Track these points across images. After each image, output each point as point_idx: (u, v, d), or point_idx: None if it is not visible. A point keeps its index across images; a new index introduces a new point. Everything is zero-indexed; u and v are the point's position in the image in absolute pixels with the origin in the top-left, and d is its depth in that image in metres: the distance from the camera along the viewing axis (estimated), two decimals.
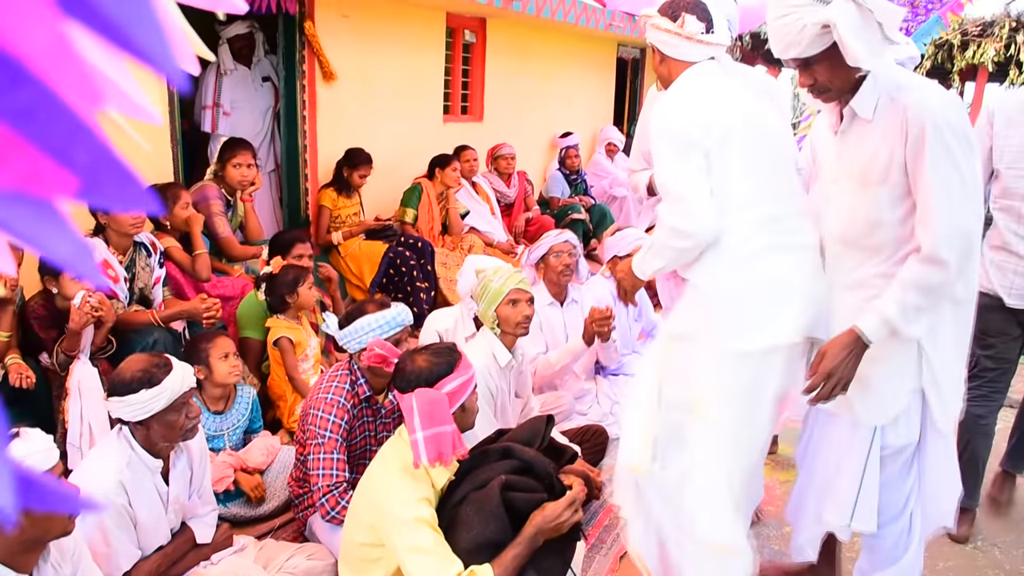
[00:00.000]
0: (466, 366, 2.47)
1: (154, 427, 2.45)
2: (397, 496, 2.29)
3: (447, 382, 2.39)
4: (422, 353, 2.50)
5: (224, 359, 3.36)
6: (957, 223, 2.07)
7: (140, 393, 2.38)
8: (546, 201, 8.02)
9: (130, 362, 2.47)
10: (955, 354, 2.31)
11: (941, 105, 2.08)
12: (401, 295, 5.38)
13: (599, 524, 3.42)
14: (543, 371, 4.16)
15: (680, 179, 2.28)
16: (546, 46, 8.20)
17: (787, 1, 2.13)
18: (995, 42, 8.46)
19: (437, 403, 2.34)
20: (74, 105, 0.42)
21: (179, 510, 2.68)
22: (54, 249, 0.48)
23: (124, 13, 0.39)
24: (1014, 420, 3.91)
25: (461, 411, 2.45)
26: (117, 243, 3.67)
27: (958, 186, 2.05)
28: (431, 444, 2.28)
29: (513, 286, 3.42)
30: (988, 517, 3.66)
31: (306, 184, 5.74)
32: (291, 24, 5.44)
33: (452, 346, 2.53)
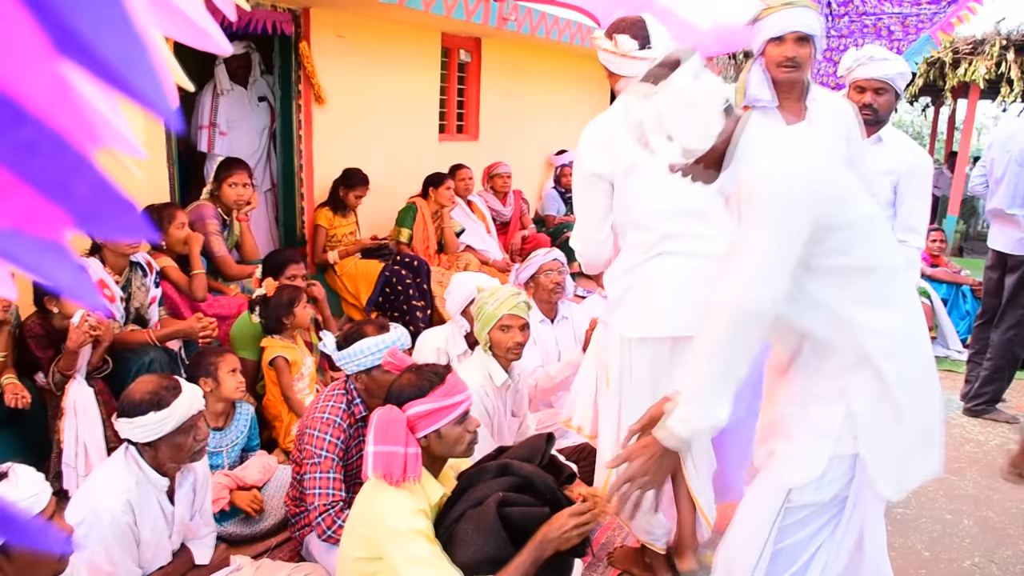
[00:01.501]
0: (448, 394, 2.44)
1: (162, 448, 2.46)
2: (393, 508, 2.29)
3: (413, 404, 2.40)
4: (409, 373, 2.52)
5: (232, 374, 3.42)
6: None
7: (149, 415, 2.38)
8: (542, 219, 8.05)
9: (140, 383, 2.48)
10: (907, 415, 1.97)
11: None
12: (397, 314, 5.38)
13: (596, 542, 3.42)
14: (544, 385, 4.17)
15: (580, 207, 2.92)
16: (541, 65, 8.24)
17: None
18: (986, 60, 8.52)
19: (392, 422, 2.36)
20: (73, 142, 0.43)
21: (182, 530, 2.68)
22: (53, 276, 0.49)
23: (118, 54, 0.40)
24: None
25: (437, 437, 2.42)
26: (113, 263, 3.67)
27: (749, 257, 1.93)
28: (379, 460, 2.31)
29: (506, 311, 3.43)
30: (984, 533, 3.67)
31: (302, 203, 5.76)
32: (287, 44, 5.48)
33: (441, 371, 2.51)
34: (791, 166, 1.94)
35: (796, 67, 2.92)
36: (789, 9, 2.90)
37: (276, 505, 3.40)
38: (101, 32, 0.39)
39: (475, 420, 2.55)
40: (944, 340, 6.61)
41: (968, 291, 6.86)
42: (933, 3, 5.41)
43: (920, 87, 9.38)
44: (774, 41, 2.95)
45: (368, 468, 2.32)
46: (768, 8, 2.96)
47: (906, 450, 2.00)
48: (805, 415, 2.07)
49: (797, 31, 2.89)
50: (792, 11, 2.90)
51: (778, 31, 2.92)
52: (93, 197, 0.45)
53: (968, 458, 4.54)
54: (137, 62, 0.41)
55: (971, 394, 5.29)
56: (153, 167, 4.56)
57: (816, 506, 2.06)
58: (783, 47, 2.92)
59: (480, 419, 3.28)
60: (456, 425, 2.47)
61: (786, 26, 2.90)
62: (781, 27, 2.91)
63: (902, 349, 1.98)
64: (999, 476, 3.92)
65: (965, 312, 6.83)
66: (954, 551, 3.51)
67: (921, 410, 1.99)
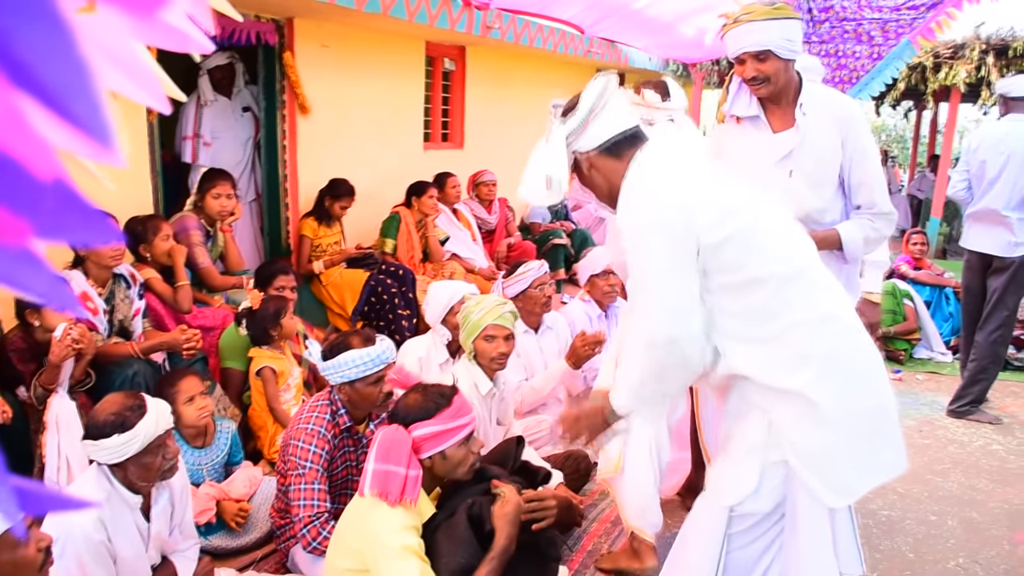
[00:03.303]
0: (454, 415, 2.47)
1: (130, 469, 2.43)
2: (386, 523, 2.30)
3: (420, 426, 2.43)
4: (416, 392, 2.55)
5: (190, 402, 3.27)
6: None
7: (113, 438, 2.35)
8: (527, 227, 8.06)
9: (105, 403, 2.46)
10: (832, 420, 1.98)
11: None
12: (383, 323, 5.38)
13: (583, 550, 3.42)
14: (530, 398, 4.17)
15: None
16: (525, 73, 8.27)
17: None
18: (966, 64, 8.61)
19: (397, 443, 2.38)
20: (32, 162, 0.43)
21: (160, 546, 2.66)
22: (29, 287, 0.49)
23: (62, 83, 0.41)
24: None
25: (441, 458, 2.46)
26: (96, 275, 3.66)
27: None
28: (377, 479, 2.33)
29: (491, 321, 3.43)
30: (968, 534, 3.69)
31: (287, 213, 5.76)
32: (271, 55, 5.48)
33: (448, 392, 2.55)
34: (659, 195, 1.99)
35: (763, 83, 2.84)
36: (741, 27, 2.80)
37: (262, 517, 3.39)
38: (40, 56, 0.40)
39: (479, 441, 2.58)
40: (928, 342, 6.65)
41: (951, 293, 6.89)
42: (912, 9, 5.47)
43: (902, 91, 9.45)
44: (736, 61, 2.90)
45: (366, 485, 2.33)
46: (725, 25, 2.88)
47: (840, 455, 2.00)
48: (737, 430, 2.13)
49: (748, 51, 2.81)
50: (744, 28, 2.79)
51: (732, 53, 2.87)
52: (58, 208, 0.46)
53: (952, 459, 4.56)
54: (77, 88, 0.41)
55: (955, 395, 5.32)
56: (137, 179, 4.55)
57: (760, 515, 2.11)
58: (744, 67, 2.86)
59: None
60: (460, 447, 2.49)
61: (738, 47, 2.83)
62: (734, 49, 2.85)
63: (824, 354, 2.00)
64: (984, 477, 3.95)
65: (948, 314, 6.87)
66: (939, 552, 3.53)
67: (853, 413, 2.01)
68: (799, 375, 1.98)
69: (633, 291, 2.10)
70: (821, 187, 2.87)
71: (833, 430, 1.98)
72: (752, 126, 2.97)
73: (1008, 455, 4.66)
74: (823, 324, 2.00)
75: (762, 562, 2.16)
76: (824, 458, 2.00)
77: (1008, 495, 4.11)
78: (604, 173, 2.15)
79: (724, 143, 3.09)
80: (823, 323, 2.00)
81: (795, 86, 2.90)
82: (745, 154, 2.91)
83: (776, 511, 2.10)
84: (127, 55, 0.56)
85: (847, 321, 2.07)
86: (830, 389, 1.97)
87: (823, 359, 1.98)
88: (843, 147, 2.85)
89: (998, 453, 4.70)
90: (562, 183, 2.12)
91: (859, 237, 2.84)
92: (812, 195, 2.85)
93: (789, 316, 1.98)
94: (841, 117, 2.87)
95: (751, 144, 2.95)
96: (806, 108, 2.88)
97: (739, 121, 3.00)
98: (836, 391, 1.98)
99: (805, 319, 1.99)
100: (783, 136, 2.90)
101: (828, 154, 2.84)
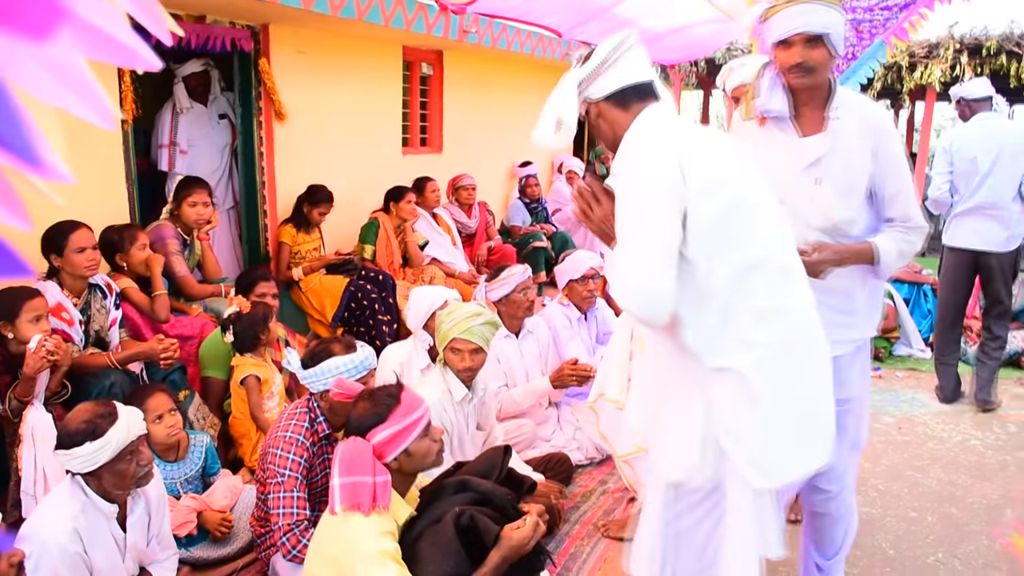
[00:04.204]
0: (406, 412, 2.47)
1: (105, 477, 2.42)
2: (362, 529, 2.29)
3: (377, 432, 2.43)
4: (363, 400, 2.54)
5: (158, 421, 3.22)
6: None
7: (84, 446, 2.35)
8: (508, 230, 8.06)
9: (76, 412, 2.44)
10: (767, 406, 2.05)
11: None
12: (363, 329, 5.36)
13: (565, 552, 3.42)
14: (508, 408, 4.17)
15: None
16: (504, 76, 8.27)
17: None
18: (941, 63, 8.69)
19: (359, 453, 2.38)
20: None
21: (137, 556, 2.64)
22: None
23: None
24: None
25: (407, 456, 2.45)
26: (71, 286, 3.63)
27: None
28: (346, 493, 2.32)
29: (455, 335, 3.44)
30: (947, 529, 3.71)
31: (265, 220, 5.73)
32: (246, 61, 5.45)
33: (394, 391, 2.54)
34: (655, 151, 2.05)
35: (808, 72, 2.52)
36: (795, 6, 2.49)
37: (243, 526, 3.37)
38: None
39: (439, 428, 2.57)
40: (907, 339, 6.70)
41: (929, 290, 6.95)
42: (886, 9, 5.51)
43: (879, 90, 9.53)
44: (781, 45, 2.56)
45: (336, 502, 2.33)
46: (774, 6, 2.57)
47: (770, 439, 2.08)
48: (677, 406, 2.21)
49: (803, 32, 2.48)
50: (798, 8, 2.49)
51: (782, 34, 2.52)
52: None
53: (931, 455, 4.60)
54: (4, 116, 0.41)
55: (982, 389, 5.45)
56: (112, 188, 4.51)
57: (704, 492, 2.20)
58: (790, 51, 2.53)
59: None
60: (422, 439, 2.49)
61: (791, 27, 2.50)
62: (785, 29, 2.51)
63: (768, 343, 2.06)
64: (963, 472, 3.99)
65: (927, 311, 6.92)
66: (918, 548, 3.56)
67: (788, 402, 2.08)
68: (739, 356, 2.05)
69: (619, 237, 2.13)
70: (850, 196, 2.59)
71: (765, 415, 2.05)
72: (777, 128, 2.69)
73: (986, 450, 4.70)
74: (775, 315, 2.06)
75: (707, 537, 2.24)
76: (754, 440, 2.07)
77: (986, 490, 4.15)
78: (610, 122, 2.22)
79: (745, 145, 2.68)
80: (775, 314, 2.06)
81: (827, 88, 2.63)
82: (768, 158, 2.58)
83: (719, 488, 2.18)
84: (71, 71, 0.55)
85: (801, 315, 2.13)
86: (767, 375, 2.04)
87: (765, 347, 2.04)
88: (875, 157, 2.57)
89: (976, 448, 4.73)
90: (571, 127, 2.20)
91: (894, 251, 2.59)
92: (840, 204, 2.59)
93: (745, 300, 2.04)
94: (873, 125, 2.60)
95: (775, 148, 2.67)
96: (837, 112, 2.61)
97: (762, 122, 2.72)
98: (773, 378, 2.05)
99: (758, 307, 2.05)
100: (812, 141, 2.63)
101: (858, 163, 2.58)
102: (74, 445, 2.35)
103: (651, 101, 2.20)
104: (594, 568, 3.34)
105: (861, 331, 2.74)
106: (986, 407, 5.35)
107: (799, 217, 2.51)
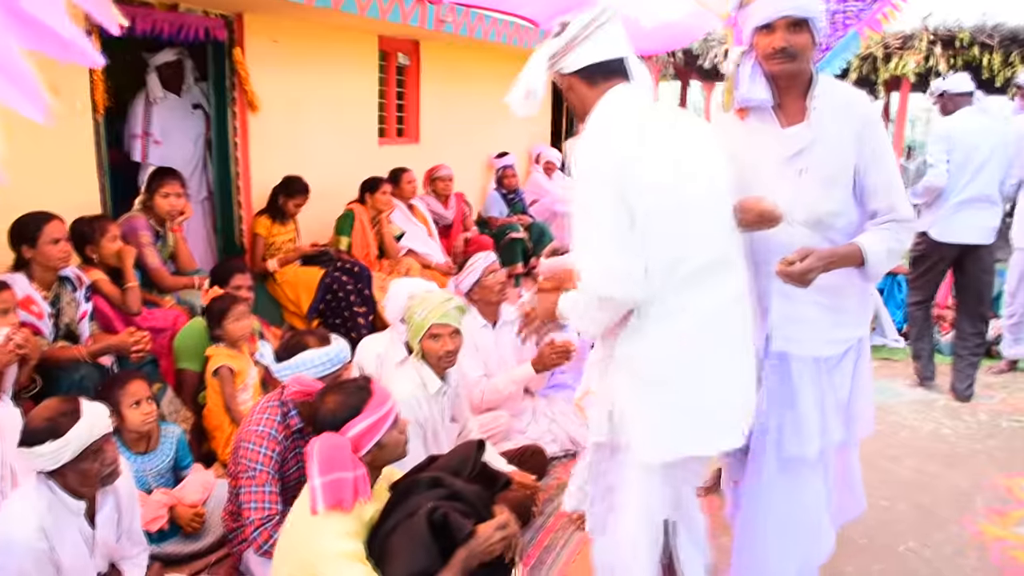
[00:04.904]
0: (378, 403, 2.44)
1: (69, 475, 2.38)
2: (324, 531, 2.26)
3: (353, 425, 2.38)
4: (332, 394, 2.49)
5: (135, 406, 3.23)
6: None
7: (45, 445, 2.31)
8: (485, 221, 8.04)
9: (39, 409, 2.41)
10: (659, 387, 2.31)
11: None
12: (339, 320, 5.34)
13: (539, 544, 3.43)
14: (490, 396, 4.16)
15: None
16: (481, 67, 8.23)
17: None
18: (915, 54, 8.73)
19: (338, 449, 2.33)
20: None
21: (107, 553, 2.61)
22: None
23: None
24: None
25: (378, 448, 2.42)
26: (41, 278, 3.59)
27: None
28: (328, 490, 2.27)
29: (434, 320, 3.41)
30: (919, 518, 3.75)
31: (240, 211, 5.69)
32: (220, 51, 5.40)
33: (363, 384, 2.51)
34: (604, 144, 2.18)
35: (791, 58, 2.43)
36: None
37: (215, 522, 3.35)
38: None
39: (404, 420, 2.56)
40: (882, 329, 6.75)
41: (904, 281, 7.00)
42: (859, 0, 5.54)
43: (855, 81, 9.58)
44: (762, 30, 2.45)
45: (318, 502, 2.27)
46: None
47: (657, 422, 2.30)
48: (601, 383, 2.53)
49: (787, 15, 2.38)
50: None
51: (765, 17, 2.42)
52: None
53: (903, 444, 4.64)
54: None
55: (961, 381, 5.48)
56: (84, 179, 4.46)
57: (609, 449, 2.54)
58: (772, 36, 2.42)
59: (412, 430, 3.28)
60: (392, 431, 2.47)
61: (774, 11, 2.40)
62: (768, 13, 2.41)
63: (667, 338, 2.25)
64: (934, 461, 4.03)
65: (901, 301, 6.97)
66: (890, 537, 3.59)
67: (683, 392, 2.28)
68: (638, 345, 2.28)
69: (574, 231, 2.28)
70: (834, 187, 2.52)
71: (653, 398, 2.29)
72: (758, 120, 2.61)
73: (958, 439, 4.76)
74: (680, 312, 2.23)
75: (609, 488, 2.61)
76: (640, 420, 2.33)
77: (957, 479, 4.19)
78: (578, 96, 2.32)
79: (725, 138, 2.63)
80: (680, 311, 2.23)
81: (809, 76, 2.54)
82: (750, 151, 2.57)
83: (620, 453, 2.49)
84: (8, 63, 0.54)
85: (711, 313, 2.26)
86: (660, 365, 2.28)
87: (663, 340, 2.26)
88: (859, 145, 2.50)
89: (948, 437, 4.79)
90: (537, 96, 2.30)
91: (883, 250, 2.47)
92: (825, 196, 2.52)
93: (667, 298, 2.21)
94: (857, 113, 2.52)
95: (757, 140, 2.60)
96: (819, 101, 2.52)
97: (743, 115, 2.64)
98: (667, 368, 2.27)
99: (667, 302, 2.22)
100: (794, 131, 2.55)
101: (843, 152, 2.51)
102: (35, 443, 2.32)
103: (619, 80, 2.28)
104: (568, 560, 3.35)
105: (852, 330, 2.71)
106: (963, 398, 5.41)
107: (783, 211, 2.47)
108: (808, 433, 2.63)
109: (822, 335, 2.62)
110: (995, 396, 5.55)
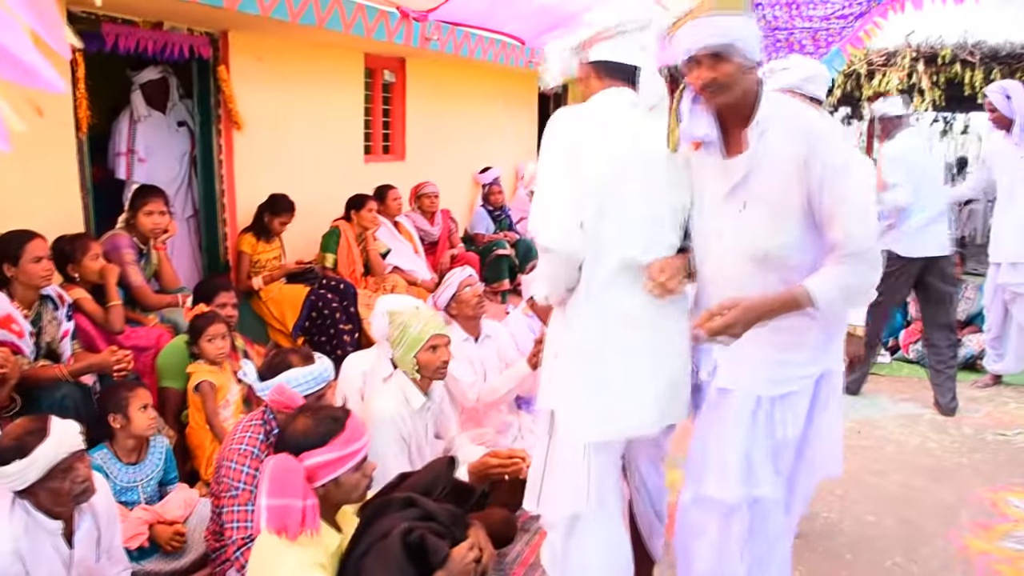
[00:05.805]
0: (348, 440, 2.38)
1: (40, 495, 2.35)
2: (287, 563, 2.22)
3: (314, 455, 2.33)
4: (305, 417, 2.45)
5: (143, 410, 3.31)
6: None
7: (12, 464, 2.28)
8: (471, 238, 8.04)
9: (10, 428, 2.39)
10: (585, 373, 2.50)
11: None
12: (324, 338, 5.32)
13: (524, 563, 3.41)
14: (488, 398, 4.15)
15: None
16: (467, 84, 8.26)
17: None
18: (898, 71, 8.84)
19: (290, 473, 2.29)
20: None
21: (86, 573, 2.58)
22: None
23: None
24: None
25: (335, 485, 2.38)
26: (22, 297, 3.56)
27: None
28: (273, 515, 2.23)
29: (433, 331, 3.42)
30: (905, 533, 3.75)
31: (225, 229, 5.67)
32: (205, 69, 5.40)
33: (340, 415, 2.46)
34: (566, 126, 2.45)
35: (721, 89, 2.28)
36: (694, 20, 2.26)
37: (197, 539, 3.31)
38: None
39: (372, 464, 2.50)
40: None
41: None
42: (841, 18, 5.60)
43: (839, 97, 9.68)
44: (689, 63, 2.32)
45: (262, 523, 2.24)
46: (676, 21, 2.35)
47: (576, 406, 2.49)
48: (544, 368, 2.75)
49: (705, 46, 2.23)
50: (697, 23, 2.25)
51: (686, 51, 2.29)
52: None
53: (889, 459, 4.65)
54: None
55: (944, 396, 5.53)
56: (67, 196, 4.44)
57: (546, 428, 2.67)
58: (698, 69, 2.29)
59: (396, 446, 3.27)
60: (354, 472, 2.41)
61: (692, 43, 2.26)
62: (687, 46, 2.28)
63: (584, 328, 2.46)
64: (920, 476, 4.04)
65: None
66: (876, 552, 3.59)
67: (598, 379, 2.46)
68: (564, 336, 2.54)
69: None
70: (782, 219, 2.32)
71: (571, 384, 2.50)
72: (707, 152, 2.45)
73: (944, 453, 4.77)
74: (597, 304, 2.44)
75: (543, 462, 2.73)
76: (564, 403, 2.54)
77: (943, 493, 4.20)
78: (586, 82, 2.57)
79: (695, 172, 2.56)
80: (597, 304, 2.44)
81: (752, 100, 2.34)
82: (700, 186, 2.48)
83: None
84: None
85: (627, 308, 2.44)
86: (579, 355, 2.49)
87: (581, 331, 2.47)
88: (806, 167, 2.25)
89: (934, 452, 4.80)
90: (555, 71, 2.66)
91: (834, 289, 2.24)
92: (772, 230, 2.33)
93: (595, 295, 2.43)
94: (803, 129, 2.29)
95: (706, 174, 2.47)
96: (764, 125, 2.32)
97: (697, 147, 2.47)
98: (585, 356, 2.48)
99: (592, 294, 2.43)
100: (734, 162, 2.38)
101: (786, 179, 2.29)
102: (3, 463, 2.29)
103: (624, 84, 2.47)
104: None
105: (805, 368, 2.48)
106: (947, 412, 5.43)
107: (729, 247, 2.40)
108: (728, 477, 2.45)
109: (764, 374, 2.44)
110: (980, 410, 5.57)
